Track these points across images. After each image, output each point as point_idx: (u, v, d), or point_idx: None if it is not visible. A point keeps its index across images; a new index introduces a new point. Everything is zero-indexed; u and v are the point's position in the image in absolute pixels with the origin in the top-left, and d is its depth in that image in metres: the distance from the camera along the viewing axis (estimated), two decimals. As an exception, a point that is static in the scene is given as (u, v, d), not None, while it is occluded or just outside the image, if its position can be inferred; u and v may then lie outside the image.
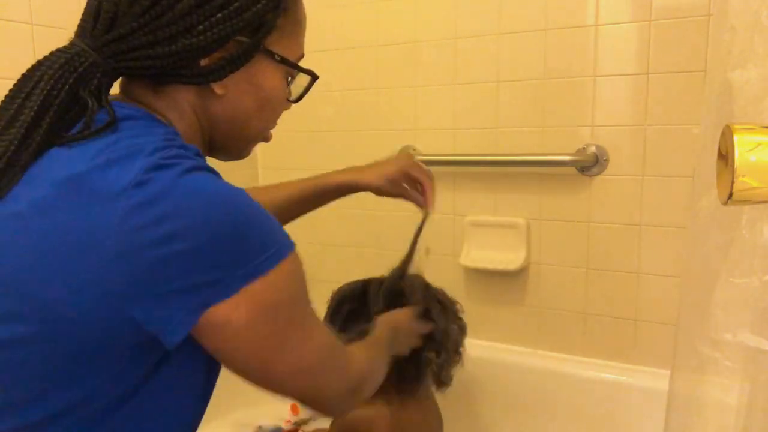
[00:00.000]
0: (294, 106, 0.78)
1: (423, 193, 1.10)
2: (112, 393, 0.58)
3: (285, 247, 0.60)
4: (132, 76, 0.65)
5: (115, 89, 0.69)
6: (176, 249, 0.53)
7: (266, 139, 0.76)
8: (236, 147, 0.75)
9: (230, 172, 0.67)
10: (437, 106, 1.56)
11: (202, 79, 0.64)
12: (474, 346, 1.56)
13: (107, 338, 0.55)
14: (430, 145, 1.58)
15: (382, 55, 1.61)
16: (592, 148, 1.39)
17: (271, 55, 0.67)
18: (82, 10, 0.64)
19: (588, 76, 1.37)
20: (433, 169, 1.60)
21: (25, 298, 0.55)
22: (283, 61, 0.69)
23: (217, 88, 0.65)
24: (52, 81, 0.59)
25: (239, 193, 0.58)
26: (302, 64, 0.76)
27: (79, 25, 0.63)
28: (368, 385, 0.77)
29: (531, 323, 1.52)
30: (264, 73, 0.68)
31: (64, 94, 0.59)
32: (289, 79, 0.73)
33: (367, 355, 0.79)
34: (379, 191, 1.09)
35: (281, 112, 0.75)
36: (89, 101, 0.59)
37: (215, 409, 0.71)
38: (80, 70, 0.60)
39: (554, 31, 1.39)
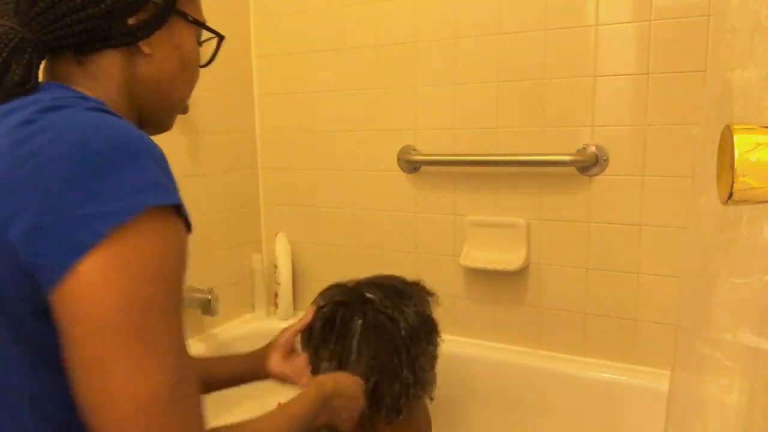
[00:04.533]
0: (294, 105, 0.79)
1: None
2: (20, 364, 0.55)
3: (170, 198, 0.53)
4: (58, 50, 0.66)
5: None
6: (51, 176, 0.51)
7: (185, 109, 0.78)
8: (161, 115, 0.76)
9: (231, 172, 0.67)
10: (437, 106, 1.56)
11: (132, 38, 0.67)
12: (474, 346, 1.56)
13: (8, 294, 0.53)
14: (430, 145, 1.59)
15: (382, 55, 1.61)
16: (592, 148, 1.39)
17: (184, 15, 0.71)
18: None
19: (588, 76, 1.37)
20: (433, 169, 1.61)
21: None
22: (195, 21, 0.73)
23: (145, 47, 0.68)
24: None
25: (136, 130, 0.56)
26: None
27: (1, 6, 0.65)
28: None
29: (531, 323, 1.52)
30: (181, 34, 0.72)
31: None
32: (200, 42, 0.77)
33: None
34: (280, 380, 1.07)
35: (197, 77, 0.77)
36: (12, 64, 0.60)
37: (217, 408, 0.71)
38: (11, 45, 0.61)
39: (554, 31, 1.40)
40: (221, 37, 0.79)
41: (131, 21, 0.66)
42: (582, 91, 1.38)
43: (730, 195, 0.41)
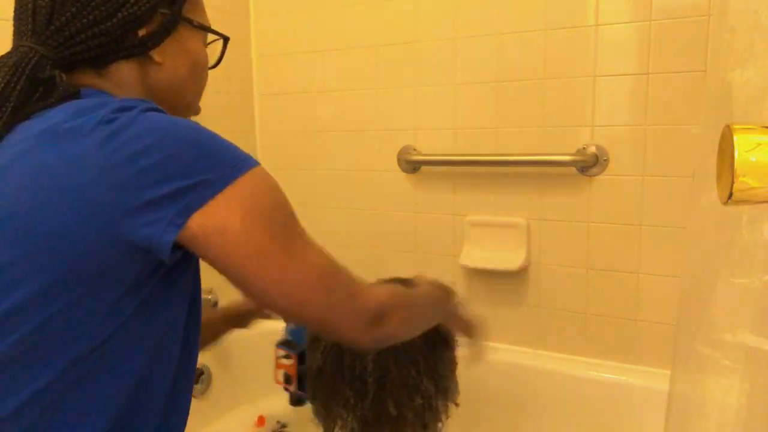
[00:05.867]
0: (294, 105, 0.80)
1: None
2: (98, 337, 0.60)
3: (250, 159, 0.63)
4: (77, 64, 0.69)
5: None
6: (149, 161, 0.57)
7: (197, 111, 0.82)
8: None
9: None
10: (437, 106, 1.56)
11: (143, 48, 0.70)
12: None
13: (103, 265, 0.58)
14: (430, 145, 1.59)
15: (382, 55, 1.61)
16: (592, 148, 1.39)
17: (190, 21, 0.74)
18: None
19: (588, 76, 1.37)
20: (433, 169, 1.61)
21: (21, 235, 0.58)
22: (201, 26, 0.76)
23: (156, 55, 0.72)
24: (7, 77, 0.64)
25: (193, 121, 0.64)
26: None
27: (16, 30, 0.69)
28: (393, 317, 0.71)
29: (531, 323, 1.52)
30: (188, 39, 0.75)
31: (21, 83, 0.64)
32: (206, 44, 0.80)
33: (389, 289, 0.76)
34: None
35: (207, 79, 0.81)
36: (57, 76, 0.65)
37: (216, 407, 0.71)
38: (32, 63, 0.65)
39: (554, 31, 1.39)
40: (226, 39, 0.81)
41: (141, 32, 0.70)
42: (582, 91, 1.38)
43: (730, 195, 0.41)
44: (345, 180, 1.72)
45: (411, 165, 1.61)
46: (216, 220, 0.59)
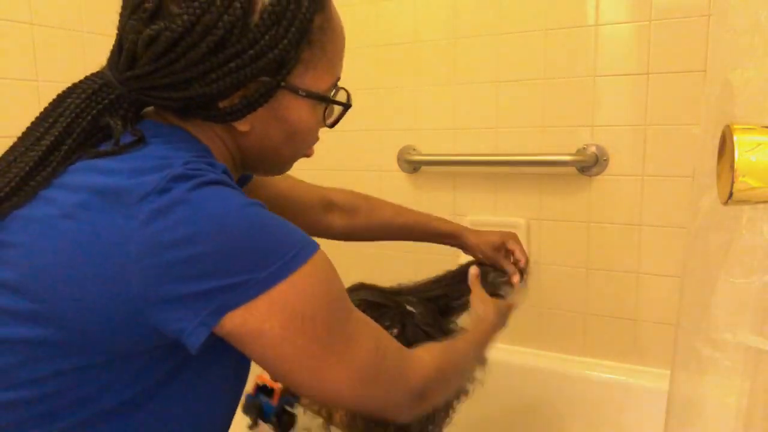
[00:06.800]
0: None
1: (517, 264, 1.16)
2: (126, 393, 0.58)
3: (306, 250, 0.58)
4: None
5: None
6: (192, 252, 0.53)
7: (307, 155, 0.77)
8: (271, 169, 0.76)
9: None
10: (437, 106, 1.56)
11: (221, 120, 0.64)
12: (474, 346, 1.56)
13: (126, 342, 0.55)
14: (430, 145, 1.59)
15: (382, 55, 1.61)
16: (592, 148, 1.39)
17: (295, 90, 0.65)
18: (81, 11, 0.65)
19: (588, 76, 1.37)
20: (433, 169, 1.61)
21: (47, 298, 0.55)
22: (309, 95, 0.67)
23: (240, 125, 0.65)
24: (78, 110, 0.61)
25: (255, 203, 0.58)
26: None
27: (109, 56, 0.65)
28: (437, 390, 0.72)
29: (531, 323, 1.52)
30: (288, 108, 0.66)
31: (86, 123, 0.61)
32: (325, 108, 0.72)
33: (437, 358, 0.73)
34: (476, 255, 1.17)
35: (316, 136, 0.75)
36: (112, 122, 0.61)
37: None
38: (106, 102, 0.62)
39: (554, 31, 1.39)
40: (347, 107, 0.75)
41: (222, 104, 0.63)
42: (582, 91, 1.38)
43: (730, 195, 0.41)
44: (345, 180, 1.72)
45: (411, 165, 1.61)
46: (253, 322, 0.55)
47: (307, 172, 1.35)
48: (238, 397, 0.70)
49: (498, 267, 1.14)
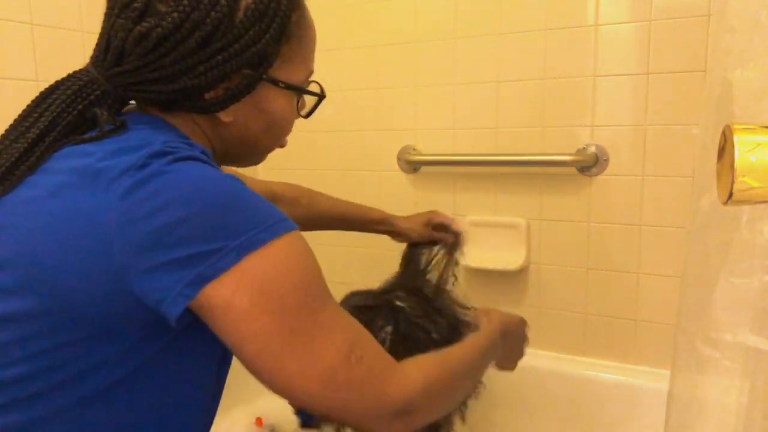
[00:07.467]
0: None
1: (450, 226, 1.24)
2: (116, 371, 0.59)
3: (281, 225, 0.59)
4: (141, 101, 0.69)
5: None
6: (167, 219, 0.54)
7: (282, 146, 0.79)
8: (248, 159, 0.79)
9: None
10: (437, 106, 1.56)
11: (207, 110, 0.67)
12: (474, 346, 1.56)
13: (112, 315, 0.57)
14: (430, 145, 1.58)
15: (382, 55, 1.61)
16: (592, 148, 1.39)
17: (275, 82, 0.69)
18: (81, 10, 0.66)
19: (588, 76, 1.37)
20: (433, 169, 1.61)
21: (35, 273, 0.57)
22: (288, 86, 0.70)
23: (224, 116, 0.68)
24: (63, 105, 0.64)
25: (232, 177, 0.60)
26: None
27: (93, 54, 0.67)
28: (426, 407, 0.65)
29: (531, 323, 1.52)
30: (268, 99, 0.70)
31: (71, 117, 0.64)
32: (298, 99, 0.75)
33: (427, 374, 0.67)
34: (411, 236, 1.25)
35: (290, 129, 0.77)
36: (98, 111, 0.63)
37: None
38: (91, 98, 0.64)
39: (554, 31, 1.39)
40: (321, 98, 0.77)
41: (208, 96, 0.66)
42: (582, 91, 1.38)
43: (730, 195, 0.41)
44: (345, 180, 1.72)
45: (411, 165, 1.61)
46: (224, 293, 0.55)
47: (308, 172, 1.36)
48: (218, 395, 0.72)
49: (433, 240, 1.24)
